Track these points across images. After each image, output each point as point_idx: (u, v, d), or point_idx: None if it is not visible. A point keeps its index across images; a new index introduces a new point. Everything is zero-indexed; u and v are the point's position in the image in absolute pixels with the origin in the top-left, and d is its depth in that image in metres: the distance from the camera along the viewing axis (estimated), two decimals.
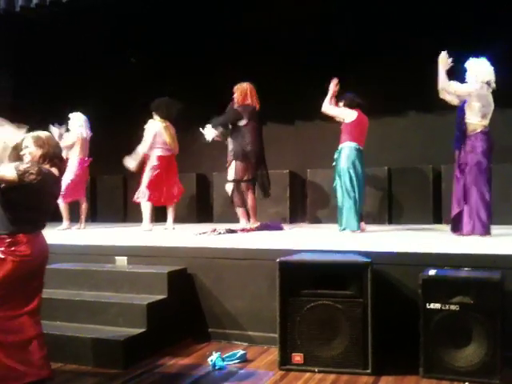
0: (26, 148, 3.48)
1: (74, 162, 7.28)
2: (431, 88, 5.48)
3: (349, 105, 6.23)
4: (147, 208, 6.97)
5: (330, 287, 3.94)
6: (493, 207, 6.16)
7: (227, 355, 4.18)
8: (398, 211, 7.52)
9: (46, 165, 3.47)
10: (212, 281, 4.85)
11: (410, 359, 3.78)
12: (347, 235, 5.85)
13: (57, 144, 3.64)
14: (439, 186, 7.25)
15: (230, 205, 6.63)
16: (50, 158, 3.50)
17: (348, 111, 6.16)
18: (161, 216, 7.52)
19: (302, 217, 8.15)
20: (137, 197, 6.99)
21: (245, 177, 6.39)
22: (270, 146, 7.59)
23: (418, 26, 7.07)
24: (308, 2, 7.39)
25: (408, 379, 3.76)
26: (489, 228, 5.26)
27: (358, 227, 5.97)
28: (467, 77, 5.36)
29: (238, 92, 6.45)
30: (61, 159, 3.63)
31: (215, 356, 4.09)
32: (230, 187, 6.44)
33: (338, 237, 5.71)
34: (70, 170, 7.19)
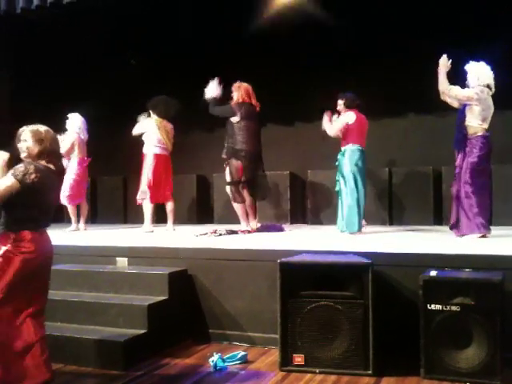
0: (24, 142, 3.40)
1: (74, 163, 7.26)
2: (432, 89, 5.48)
3: (348, 105, 6.23)
4: (149, 209, 6.97)
5: (331, 288, 3.95)
6: (493, 208, 6.19)
7: (228, 356, 4.18)
8: (399, 212, 7.52)
9: (42, 161, 3.41)
10: (212, 282, 4.85)
11: (411, 360, 3.78)
12: (348, 236, 5.85)
13: (55, 139, 3.54)
14: (440, 187, 7.25)
15: (231, 206, 6.62)
16: (48, 154, 3.43)
17: (346, 117, 6.14)
18: (161, 217, 7.52)
19: (303, 218, 8.15)
20: (140, 198, 6.97)
21: (242, 177, 6.33)
22: (271, 148, 7.59)
23: (419, 28, 7.07)
24: (311, 7, 7.43)
25: (409, 380, 3.76)
26: (487, 229, 5.26)
27: (360, 228, 5.98)
28: (468, 80, 5.38)
29: (236, 90, 6.42)
30: (58, 155, 3.57)
31: (216, 357, 4.09)
32: (229, 189, 6.44)
33: (339, 238, 5.71)
34: (71, 172, 7.18)
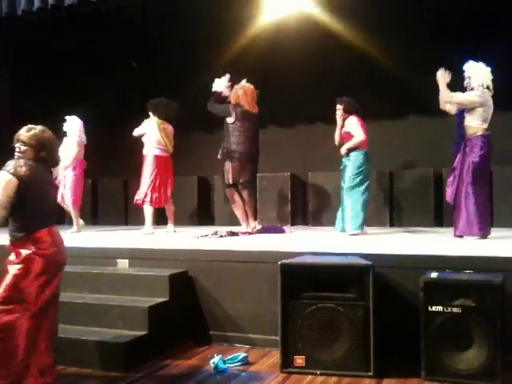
0: (23, 144, 3.38)
1: (76, 166, 7.26)
2: (432, 91, 5.48)
3: (348, 110, 6.24)
4: (149, 211, 6.96)
5: (332, 290, 3.95)
6: (493, 210, 6.18)
7: (229, 358, 4.19)
8: (400, 214, 7.51)
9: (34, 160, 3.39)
10: (213, 283, 4.85)
11: (412, 362, 3.78)
12: (348, 238, 5.85)
13: (51, 138, 3.51)
14: (440, 189, 7.23)
15: (231, 207, 6.62)
16: (45, 159, 3.43)
17: (357, 123, 6.14)
18: (161, 219, 7.52)
19: (304, 220, 8.15)
20: (138, 198, 6.94)
21: (240, 179, 6.28)
22: (272, 149, 7.61)
23: (419, 29, 7.08)
24: (312, 11, 7.45)
25: (410, 382, 3.76)
26: (487, 230, 5.26)
27: (362, 228, 6.01)
28: (467, 80, 5.36)
29: (235, 91, 6.39)
30: (55, 160, 3.55)
31: (217, 359, 4.09)
32: (227, 191, 6.43)
33: (340, 239, 5.71)
34: (73, 175, 7.17)
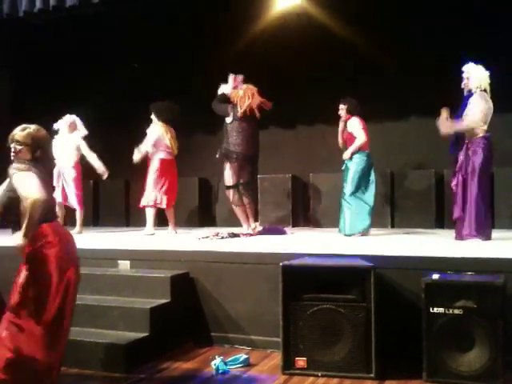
0: (19, 144, 3.33)
1: (77, 168, 7.26)
2: (433, 92, 5.48)
3: (351, 110, 6.25)
4: (151, 213, 6.97)
5: (333, 291, 3.94)
6: (494, 211, 6.18)
7: (230, 359, 4.18)
8: (401, 215, 7.51)
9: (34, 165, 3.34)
10: (214, 285, 4.85)
11: (414, 363, 3.77)
12: (350, 239, 5.85)
13: (46, 137, 3.46)
14: (442, 191, 7.24)
15: (233, 209, 6.61)
16: (41, 159, 3.37)
17: (359, 125, 6.18)
18: (162, 220, 7.51)
19: (305, 221, 8.15)
20: (146, 202, 6.92)
21: (239, 180, 6.28)
22: (273, 151, 7.61)
23: (419, 30, 7.08)
24: (312, 11, 7.46)
25: (411, 383, 3.75)
26: (488, 232, 5.26)
27: (364, 230, 6.01)
28: (466, 81, 5.35)
29: (236, 91, 6.35)
30: (50, 159, 3.53)
31: (218, 360, 4.09)
32: (227, 192, 6.42)
33: (341, 241, 5.71)
34: (75, 174, 7.17)
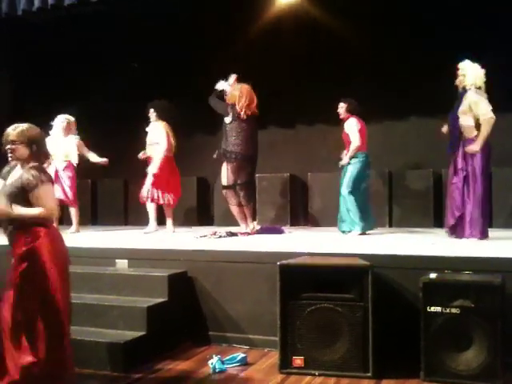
0: (14, 144, 3.29)
1: (71, 165, 7.21)
2: (432, 92, 5.48)
3: (351, 110, 6.26)
4: (153, 209, 6.98)
5: (331, 290, 3.94)
6: (493, 211, 6.19)
7: (227, 358, 4.18)
8: (399, 215, 7.51)
9: (35, 164, 3.33)
10: (212, 284, 4.85)
11: (411, 363, 3.77)
12: (348, 238, 5.85)
13: (39, 132, 3.41)
14: (440, 190, 7.24)
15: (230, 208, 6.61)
16: (37, 156, 3.34)
17: (355, 127, 6.17)
18: (159, 219, 7.49)
19: (303, 220, 8.15)
20: (147, 196, 6.88)
21: (238, 180, 6.26)
22: (271, 150, 7.60)
23: (419, 32, 7.09)
24: (312, 11, 7.45)
25: (409, 383, 3.76)
26: (487, 231, 5.27)
27: (365, 229, 6.03)
28: (462, 79, 5.31)
29: (232, 91, 6.36)
30: (46, 155, 3.48)
31: (215, 359, 4.09)
32: (224, 192, 6.41)
33: (339, 240, 5.71)
34: (70, 173, 7.16)
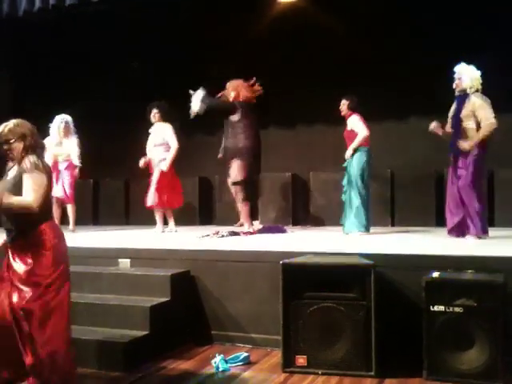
0: (7, 142, 3.29)
1: (71, 165, 7.26)
2: (434, 92, 5.48)
3: (352, 107, 6.27)
4: (160, 212, 7.00)
5: (333, 290, 3.94)
6: (495, 210, 6.19)
7: (230, 357, 4.18)
8: (401, 214, 7.51)
9: (32, 155, 3.31)
10: (215, 283, 4.85)
11: (414, 362, 3.77)
12: (350, 237, 5.85)
13: (28, 125, 3.39)
14: (442, 189, 7.22)
15: (233, 207, 6.61)
16: (32, 148, 3.33)
17: (359, 121, 6.20)
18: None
19: (305, 219, 8.15)
20: (153, 201, 6.86)
21: (248, 176, 6.25)
22: (273, 149, 7.60)
23: (419, 32, 7.09)
24: (312, 11, 7.45)
25: (411, 382, 3.76)
26: (487, 229, 5.29)
27: (368, 229, 6.02)
28: (459, 82, 5.32)
29: (232, 88, 6.36)
30: (41, 146, 3.49)
31: (219, 358, 4.09)
32: (233, 189, 6.40)
33: (341, 239, 5.72)
34: (69, 172, 7.18)
